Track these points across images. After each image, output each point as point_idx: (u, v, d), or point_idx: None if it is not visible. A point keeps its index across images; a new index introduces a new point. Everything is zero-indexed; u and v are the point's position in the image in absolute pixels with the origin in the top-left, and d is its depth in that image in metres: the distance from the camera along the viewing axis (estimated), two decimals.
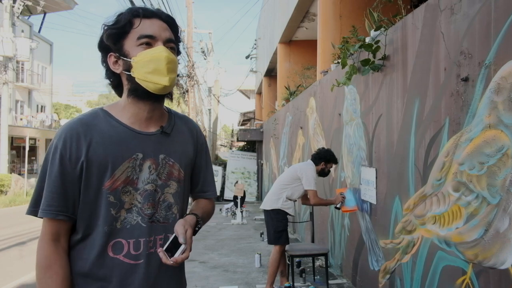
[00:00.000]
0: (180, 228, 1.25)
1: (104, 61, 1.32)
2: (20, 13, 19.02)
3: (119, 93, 1.36)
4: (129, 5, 9.35)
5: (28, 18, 22.84)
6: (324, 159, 4.64)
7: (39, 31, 24.43)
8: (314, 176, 4.56)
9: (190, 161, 1.43)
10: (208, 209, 1.50)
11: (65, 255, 1.26)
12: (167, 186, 1.34)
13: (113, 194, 1.25)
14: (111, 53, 1.29)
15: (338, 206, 4.64)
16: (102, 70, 1.35)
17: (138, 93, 1.27)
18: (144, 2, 8.84)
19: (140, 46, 1.25)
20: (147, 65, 1.23)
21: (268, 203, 4.61)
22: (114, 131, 1.28)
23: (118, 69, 1.29)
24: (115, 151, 1.26)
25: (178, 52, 1.37)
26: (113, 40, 1.27)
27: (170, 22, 1.33)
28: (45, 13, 24.16)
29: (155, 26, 1.27)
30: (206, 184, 1.52)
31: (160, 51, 1.24)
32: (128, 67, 1.26)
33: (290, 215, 4.59)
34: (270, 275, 4.46)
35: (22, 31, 20.18)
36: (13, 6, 17.84)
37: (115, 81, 1.34)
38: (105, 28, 1.28)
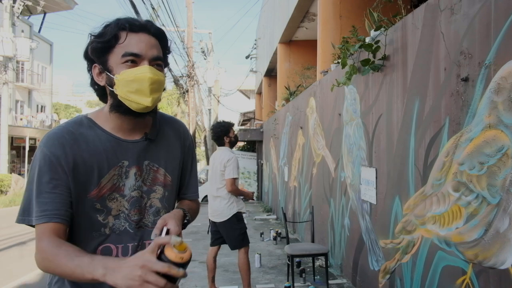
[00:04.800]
0: (159, 221, 1.22)
1: (90, 69, 1.29)
2: (20, 13, 19.03)
3: (104, 101, 1.34)
4: (129, 5, 9.35)
5: (28, 18, 22.84)
6: (226, 131, 4.52)
7: (39, 31, 24.43)
8: (237, 163, 4.41)
9: (177, 165, 1.43)
10: (193, 207, 1.49)
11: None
12: (152, 191, 1.34)
13: (99, 202, 1.25)
14: (96, 64, 1.26)
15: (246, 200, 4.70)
16: None
17: (121, 110, 1.25)
18: (144, 2, 8.85)
19: (124, 63, 1.21)
20: (130, 84, 1.20)
21: (221, 214, 4.38)
22: (99, 139, 1.26)
23: (101, 81, 1.27)
24: (101, 159, 1.25)
25: (166, 64, 1.32)
26: (98, 54, 1.24)
27: (159, 36, 1.28)
28: (45, 13, 24.17)
29: (142, 43, 1.22)
30: (189, 187, 1.51)
31: (144, 71, 1.20)
32: (111, 83, 1.23)
33: (244, 213, 4.47)
34: (245, 278, 4.27)
35: (22, 31, 20.20)
36: (13, 6, 17.85)
37: (100, 91, 1.31)
38: (91, 39, 1.24)
